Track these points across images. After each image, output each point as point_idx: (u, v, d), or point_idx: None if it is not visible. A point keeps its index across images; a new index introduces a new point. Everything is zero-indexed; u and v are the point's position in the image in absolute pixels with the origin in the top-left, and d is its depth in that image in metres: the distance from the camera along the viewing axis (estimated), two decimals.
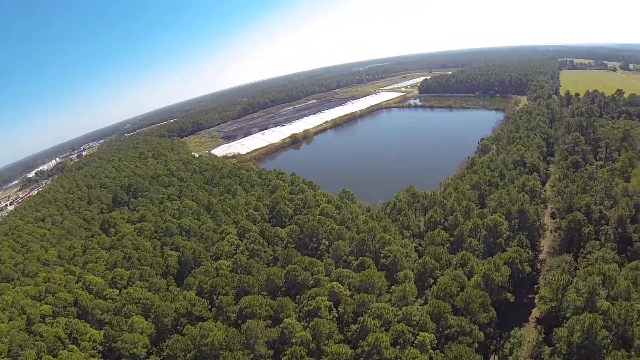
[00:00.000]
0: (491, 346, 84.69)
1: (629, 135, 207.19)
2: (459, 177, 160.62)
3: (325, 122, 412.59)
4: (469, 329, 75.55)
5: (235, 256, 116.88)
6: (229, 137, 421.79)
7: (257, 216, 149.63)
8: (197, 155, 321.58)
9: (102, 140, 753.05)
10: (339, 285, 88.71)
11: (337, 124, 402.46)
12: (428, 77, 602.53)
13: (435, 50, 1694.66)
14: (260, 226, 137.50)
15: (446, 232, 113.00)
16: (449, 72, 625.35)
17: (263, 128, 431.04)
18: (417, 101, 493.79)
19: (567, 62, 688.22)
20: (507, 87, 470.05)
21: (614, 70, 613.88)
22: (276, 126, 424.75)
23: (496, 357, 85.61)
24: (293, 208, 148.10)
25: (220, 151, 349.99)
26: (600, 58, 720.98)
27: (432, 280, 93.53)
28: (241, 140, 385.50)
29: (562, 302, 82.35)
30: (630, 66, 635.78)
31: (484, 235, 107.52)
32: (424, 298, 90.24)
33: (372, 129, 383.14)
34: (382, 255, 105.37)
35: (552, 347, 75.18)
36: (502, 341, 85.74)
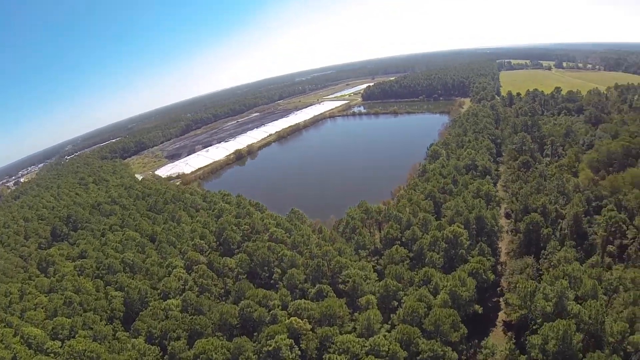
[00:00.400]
0: (462, 357, 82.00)
1: (571, 130, 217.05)
2: (412, 186, 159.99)
3: (269, 135, 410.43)
4: (441, 352, 72.59)
5: (184, 294, 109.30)
6: (173, 156, 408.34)
7: (204, 245, 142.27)
8: (140, 178, 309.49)
9: (42, 165, 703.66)
10: (297, 320, 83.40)
11: (281, 137, 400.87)
12: (371, 84, 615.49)
13: (377, 56, 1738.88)
14: (208, 257, 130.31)
15: (405, 248, 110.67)
16: (391, 78, 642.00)
17: (207, 145, 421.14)
18: (362, 109, 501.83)
19: (505, 63, 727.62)
20: (450, 90, 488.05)
21: (549, 69, 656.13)
22: (220, 142, 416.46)
23: None
24: (241, 234, 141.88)
25: (164, 171, 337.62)
26: (536, 58, 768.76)
27: (396, 303, 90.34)
28: (185, 159, 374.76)
29: (531, 308, 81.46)
30: (564, 64, 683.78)
31: (444, 247, 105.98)
32: (389, 323, 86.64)
33: (318, 140, 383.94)
34: (339, 280, 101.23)
35: (526, 355, 74.56)
36: (472, 350, 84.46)
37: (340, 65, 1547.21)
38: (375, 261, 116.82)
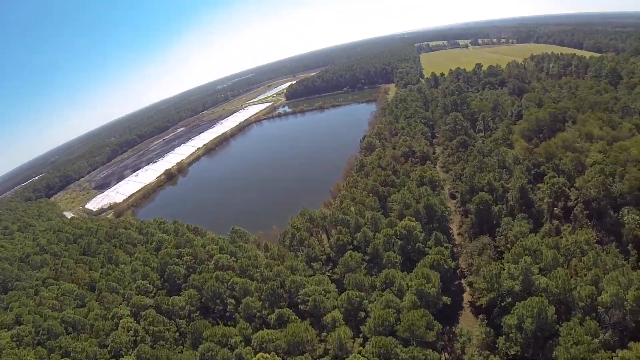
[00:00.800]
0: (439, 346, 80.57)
1: (498, 103, 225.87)
2: (352, 184, 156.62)
3: (197, 149, 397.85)
4: (422, 356, 70.07)
5: (137, 347, 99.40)
6: (102, 186, 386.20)
7: (149, 285, 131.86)
8: (70, 216, 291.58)
9: None
10: (265, 355, 77.27)
11: (209, 149, 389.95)
12: (293, 82, 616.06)
13: (296, 53, 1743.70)
14: (155, 298, 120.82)
15: (358, 252, 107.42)
16: (313, 73, 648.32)
17: (136, 168, 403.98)
18: (287, 108, 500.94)
19: (423, 45, 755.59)
20: (373, 78, 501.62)
21: (466, 47, 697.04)
22: (149, 164, 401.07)
23: (446, 355, 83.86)
24: (185, 266, 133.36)
25: (95, 204, 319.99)
26: (452, 38, 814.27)
27: (363, 314, 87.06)
28: (115, 187, 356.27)
29: (499, 290, 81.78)
30: (480, 41, 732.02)
31: (400, 244, 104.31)
32: (360, 336, 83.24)
33: (247, 148, 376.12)
34: (298, 300, 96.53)
35: (503, 336, 75.44)
36: (445, 336, 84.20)
37: (260, 67, 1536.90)
38: (331, 271, 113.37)
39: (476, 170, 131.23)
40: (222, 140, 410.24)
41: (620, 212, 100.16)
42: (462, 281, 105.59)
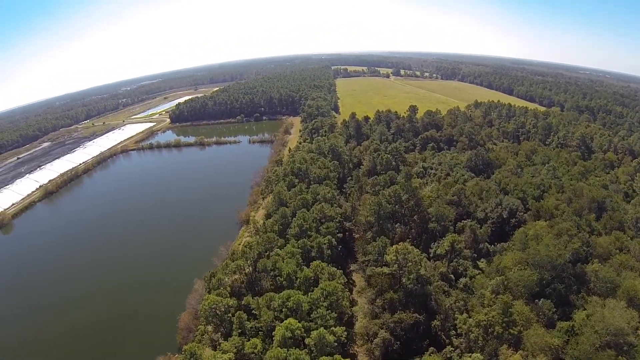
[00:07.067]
0: None
1: (462, 194, 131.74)
2: None
3: (37, 189, 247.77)
4: None
5: None
6: None
7: None
8: None
9: None
10: None
11: (49, 192, 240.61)
12: (183, 100, 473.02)
13: (213, 62, 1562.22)
14: None
15: None
16: (216, 89, 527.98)
17: None
18: (168, 136, 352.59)
19: (341, 70, 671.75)
20: (276, 107, 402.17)
21: (387, 76, 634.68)
22: None
23: None
24: None
25: None
26: (372, 65, 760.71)
27: None
28: None
29: None
30: (402, 72, 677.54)
31: None
32: None
33: (99, 197, 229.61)
34: None
35: None
36: None
37: (171, 73, 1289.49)
38: None
39: None
40: (73, 178, 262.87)
41: None
42: None
